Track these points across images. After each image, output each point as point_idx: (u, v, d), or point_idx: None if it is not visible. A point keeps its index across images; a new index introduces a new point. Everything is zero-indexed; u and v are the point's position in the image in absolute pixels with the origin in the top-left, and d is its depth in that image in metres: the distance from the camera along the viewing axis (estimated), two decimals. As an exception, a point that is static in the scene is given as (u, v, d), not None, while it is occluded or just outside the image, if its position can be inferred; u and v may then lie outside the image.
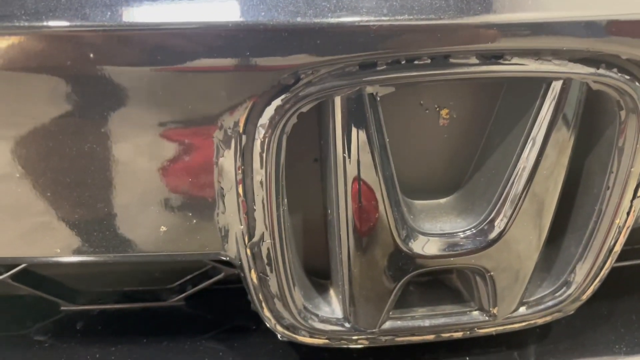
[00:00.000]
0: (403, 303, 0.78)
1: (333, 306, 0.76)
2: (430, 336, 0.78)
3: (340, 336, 0.75)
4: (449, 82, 0.67)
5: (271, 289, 0.69)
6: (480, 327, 0.78)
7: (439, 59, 0.59)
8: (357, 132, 0.61)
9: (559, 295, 0.77)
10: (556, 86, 0.62)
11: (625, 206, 0.70)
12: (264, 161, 0.60)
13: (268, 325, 0.74)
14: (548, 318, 0.79)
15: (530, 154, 0.65)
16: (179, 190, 0.63)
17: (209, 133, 0.60)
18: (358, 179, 0.63)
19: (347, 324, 0.74)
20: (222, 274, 0.84)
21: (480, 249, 0.68)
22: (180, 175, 0.62)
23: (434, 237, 0.68)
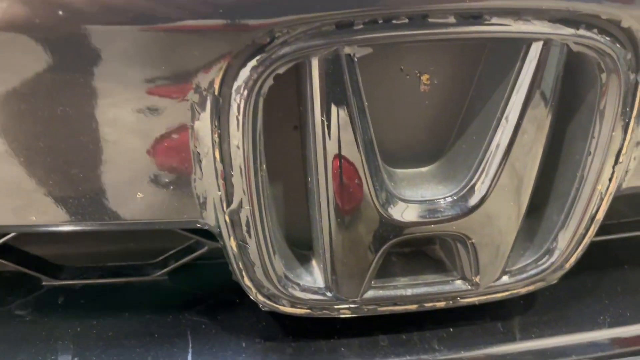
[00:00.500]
0: (386, 273, 0.78)
1: (315, 276, 0.75)
2: (413, 306, 0.77)
3: (322, 306, 0.75)
4: (429, 46, 0.66)
5: (251, 257, 0.69)
6: (463, 297, 0.78)
7: (417, 18, 0.58)
8: (335, 95, 0.60)
9: (541, 264, 0.76)
10: (536, 47, 0.61)
11: (607, 172, 0.69)
12: (241, 124, 0.60)
13: (248, 294, 0.73)
14: (531, 287, 0.79)
15: (511, 118, 0.64)
16: (154, 156, 0.62)
17: (183, 95, 0.59)
18: (336, 143, 0.62)
19: (329, 293, 0.74)
20: (206, 248, 0.84)
21: (460, 215, 0.68)
22: (155, 140, 0.61)
23: (414, 204, 0.68)
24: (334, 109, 0.60)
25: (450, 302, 0.78)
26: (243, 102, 0.59)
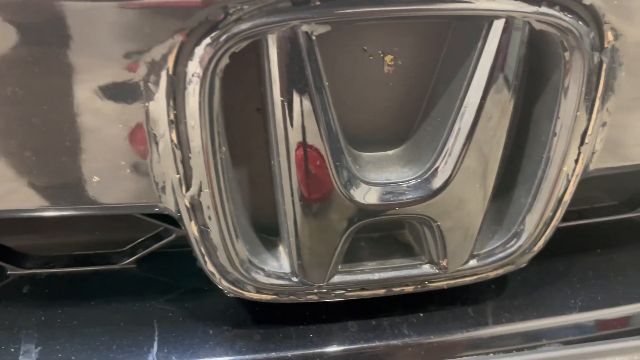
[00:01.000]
0: (354, 258, 0.77)
1: (281, 261, 0.74)
2: (381, 290, 0.77)
3: (288, 291, 0.74)
4: (393, 25, 0.65)
5: (213, 242, 0.68)
6: (431, 281, 0.77)
7: (376, -5, 0.57)
8: (293, 74, 0.58)
9: (509, 247, 0.76)
10: (498, 26, 0.60)
11: (572, 153, 0.69)
12: (197, 105, 0.58)
13: (212, 280, 0.72)
14: (500, 271, 0.79)
15: (473, 98, 0.63)
16: (108, 138, 0.60)
17: (137, 75, 0.57)
18: (295, 125, 0.61)
19: (295, 279, 0.73)
20: (173, 236, 0.82)
21: (424, 198, 0.67)
22: (109, 121, 0.59)
23: (377, 186, 0.67)
24: (292, 89, 0.59)
25: (419, 287, 0.78)
26: (198, 82, 0.57)
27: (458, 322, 0.83)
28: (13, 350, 0.75)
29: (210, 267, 0.70)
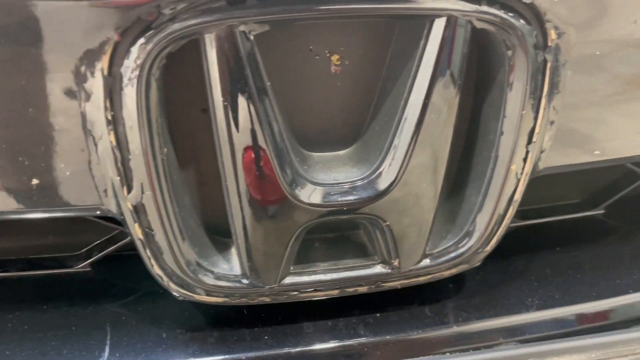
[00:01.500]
0: (307, 259, 0.77)
1: (232, 263, 0.74)
2: (334, 291, 0.76)
3: (239, 293, 0.73)
4: (338, 25, 0.65)
5: (158, 245, 0.67)
6: (384, 281, 0.77)
7: (314, -6, 0.56)
8: (232, 75, 0.58)
9: (462, 246, 0.76)
10: (439, 24, 0.60)
11: (520, 152, 0.69)
12: (134, 106, 0.57)
13: (160, 283, 0.71)
14: (454, 270, 0.79)
15: (417, 98, 0.63)
16: (46, 139, 0.59)
17: (73, 76, 0.56)
18: (238, 126, 0.60)
19: (245, 281, 0.72)
20: (129, 238, 0.81)
21: (372, 198, 0.67)
22: (47, 123, 0.58)
23: (323, 186, 0.66)
24: (232, 90, 0.58)
25: (373, 287, 0.77)
26: (135, 82, 0.56)
27: (415, 322, 0.82)
28: (-40, 356, 0.74)
29: (157, 270, 0.69)
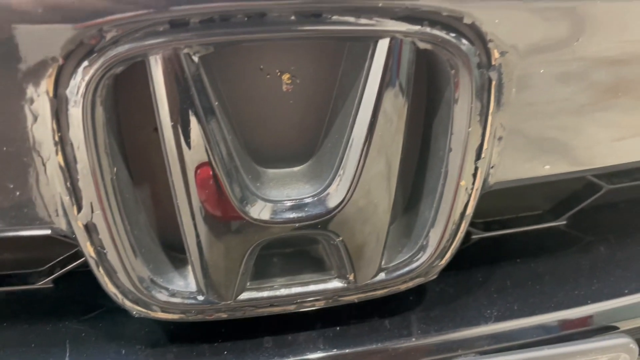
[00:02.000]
0: (265, 274, 0.78)
1: (188, 280, 0.74)
2: (291, 306, 0.77)
3: (194, 309, 0.74)
4: (288, 45, 0.66)
5: (111, 263, 0.67)
6: (341, 295, 0.78)
7: (255, 17, 0.57)
8: (178, 96, 0.59)
9: (416, 260, 0.77)
10: (383, 45, 0.61)
11: (469, 168, 0.70)
12: (80, 127, 0.58)
13: (115, 301, 0.72)
14: (410, 283, 0.79)
15: (364, 116, 0.64)
16: (-5, 161, 0.60)
17: (20, 98, 0.57)
18: (185, 146, 0.61)
19: (201, 297, 0.72)
20: (91, 254, 0.82)
21: (323, 214, 0.67)
22: (-6, 145, 0.59)
23: (274, 203, 0.67)
24: (179, 111, 0.59)
25: (330, 301, 0.78)
26: (80, 104, 0.57)
27: (374, 335, 0.83)
28: None
29: (111, 288, 0.70)
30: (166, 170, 0.69)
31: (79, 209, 0.63)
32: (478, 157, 0.70)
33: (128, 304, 0.72)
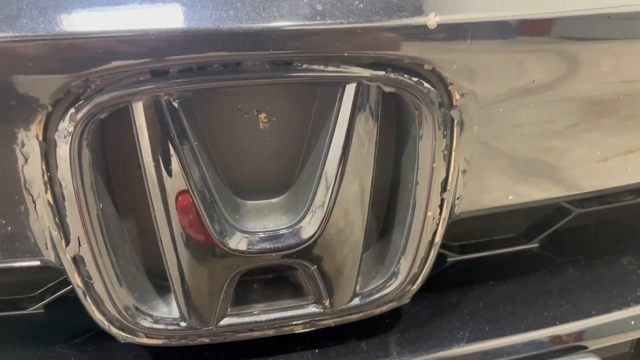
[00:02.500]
0: (245, 300, 0.82)
1: (172, 307, 0.78)
2: (270, 331, 0.81)
3: (178, 335, 0.77)
4: (263, 87, 0.71)
5: (98, 292, 0.71)
6: (318, 320, 0.82)
7: (231, 66, 0.62)
8: (159, 138, 0.63)
9: (389, 286, 0.81)
10: (350, 89, 0.66)
11: (435, 199, 0.75)
12: (67, 168, 0.62)
13: (102, 327, 0.75)
14: (384, 308, 0.84)
15: (335, 153, 0.68)
16: (-12, 199, 0.64)
17: (12, 141, 0.61)
18: (166, 184, 0.65)
19: (183, 323, 0.76)
20: (80, 281, 0.85)
21: (296, 245, 0.72)
22: (-12, 184, 0.63)
23: (252, 235, 0.71)
24: (160, 151, 0.64)
25: (308, 325, 0.82)
26: (67, 147, 0.61)
27: (352, 356, 0.87)
28: None
29: (98, 316, 0.74)
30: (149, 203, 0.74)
31: (67, 243, 0.67)
32: (444, 190, 0.74)
33: (114, 331, 0.75)
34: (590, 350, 0.94)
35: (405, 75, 0.66)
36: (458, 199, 0.77)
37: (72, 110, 0.60)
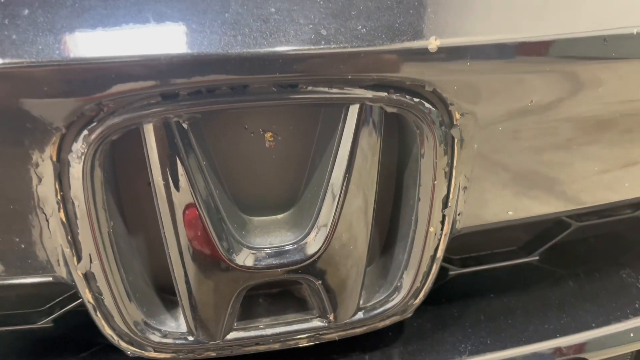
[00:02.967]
0: (251, 314, 0.83)
1: (179, 321, 0.80)
2: (276, 344, 0.82)
3: (185, 349, 0.79)
4: (269, 107, 0.73)
5: (108, 308, 0.73)
6: (323, 334, 0.83)
7: (239, 88, 0.64)
8: (169, 158, 0.65)
9: (392, 300, 0.82)
10: (354, 109, 0.68)
11: (437, 215, 0.76)
12: (80, 187, 0.64)
13: (111, 342, 0.77)
14: (387, 321, 0.85)
15: (339, 171, 0.70)
16: (4, 217, 0.66)
17: (27, 162, 0.63)
18: (176, 202, 0.67)
19: (191, 337, 0.78)
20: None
21: (302, 260, 0.73)
22: (5, 203, 0.65)
23: (258, 251, 0.73)
24: (169, 171, 0.66)
25: (312, 339, 0.83)
26: (80, 167, 0.63)
27: (355, 370, 0.89)
28: None
29: (107, 330, 0.75)
30: (158, 220, 0.76)
31: (79, 260, 0.69)
32: (445, 206, 0.76)
33: (123, 345, 0.77)
34: (590, 362, 0.96)
35: (407, 96, 0.68)
36: (459, 214, 0.79)
37: (86, 131, 0.62)
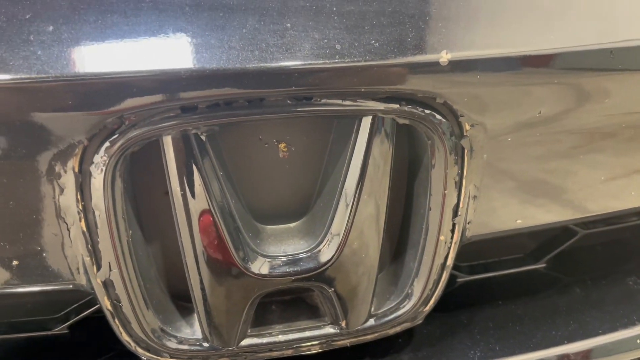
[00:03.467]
0: (264, 321, 0.85)
1: (195, 328, 0.81)
2: (289, 351, 0.84)
3: (201, 355, 0.81)
4: (283, 118, 0.75)
5: (126, 315, 0.74)
6: (334, 340, 0.85)
7: (255, 101, 0.66)
8: (187, 169, 0.67)
9: (403, 307, 0.84)
10: (366, 121, 0.69)
11: (447, 224, 0.78)
12: (101, 198, 0.66)
13: (128, 348, 0.79)
14: (398, 328, 0.87)
15: (351, 181, 0.72)
16: (26, 227, 0.68)
17: (49, 173, 0.65)
18: (193, 212, 0.69)
19: (206, 344, 0.80)
20: (103, 302, 0.89)
21: (315, 268, 0.75)
22: (27, 213, 0.67)
23: (273, 259, 0.75)
24: (187, 182, 0.68)
25: (324, 346, 0.85)
26: (101, 178, 0.65)
27: (366, 376, 0.90)
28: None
29: (125, 337, 0.77)
30: (175, 229, 0.77)
31: (99, 268, 0.71)
32: (455, 215, 0.78)
33: (140, 351, 0.79)
34: (598, 368, 0.97)
35: (419, 108, 0.69)
36: (469, 223, 0.81)
37: (107, 143, 0.64)
